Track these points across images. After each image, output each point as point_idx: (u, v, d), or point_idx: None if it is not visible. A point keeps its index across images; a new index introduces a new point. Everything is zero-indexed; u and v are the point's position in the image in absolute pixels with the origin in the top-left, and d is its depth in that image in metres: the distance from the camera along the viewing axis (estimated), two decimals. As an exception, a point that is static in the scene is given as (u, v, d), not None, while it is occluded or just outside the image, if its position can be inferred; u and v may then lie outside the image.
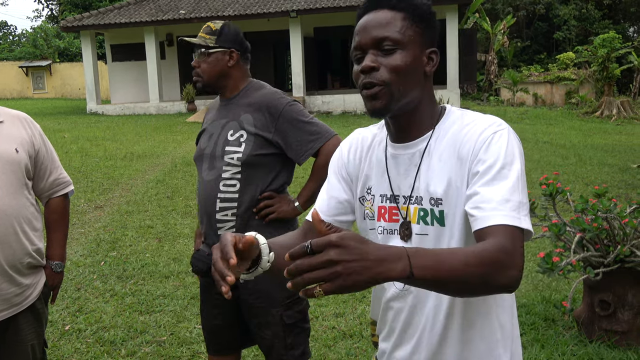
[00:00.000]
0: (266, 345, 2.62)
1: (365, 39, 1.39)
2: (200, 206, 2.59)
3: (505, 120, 1.45)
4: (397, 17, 1.39)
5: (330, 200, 1.58)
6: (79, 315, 4.45)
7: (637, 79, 26.47)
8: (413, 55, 1.38)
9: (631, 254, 3.53)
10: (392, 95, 1.38)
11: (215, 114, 2.64)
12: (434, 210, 1.40)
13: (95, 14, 22.27)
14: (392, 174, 1.48)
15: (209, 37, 2.53)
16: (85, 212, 7.65)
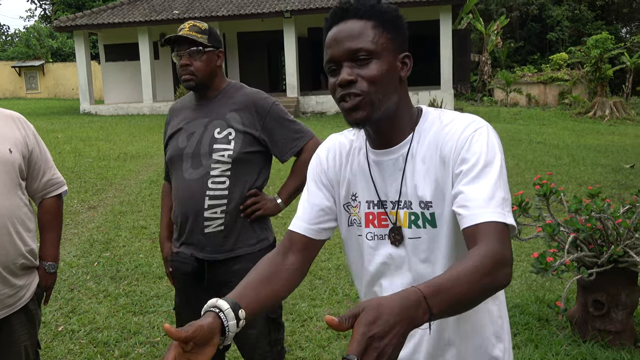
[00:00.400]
0: (250, 345, 2.62)
1: (338, 52, 1.38)
2: (181, 206, 2.57)
3: (498, 121, 1.46)
4: (367, 27, 1.37)
5: (312, 208, 1.57)
6: (72, 316, 4.43)
7: (629, 80, 26.59)
8: (388, 63, 1.38)
9: (624, 254, 3.55)
10: (372, 105, 1.37)
11: (191, 114, 2.62)
12: (425, 213, 1.41)
13: (88, 13, 22.20)
14: (377, 180, 1.48)
15: (201, 36, 2.52)
16: (78, 212, 7.62)
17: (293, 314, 4.40)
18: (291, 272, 1.51)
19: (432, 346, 1.49)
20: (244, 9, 20.73)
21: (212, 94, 2.61)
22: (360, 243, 1.53)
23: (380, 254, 1.49)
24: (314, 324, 4.24)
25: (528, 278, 5.06)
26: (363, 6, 1.39)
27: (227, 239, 2.57)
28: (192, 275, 2.59)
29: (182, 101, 2.73)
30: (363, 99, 1.37)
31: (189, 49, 2.51)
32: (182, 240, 2.62)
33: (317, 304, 4.57)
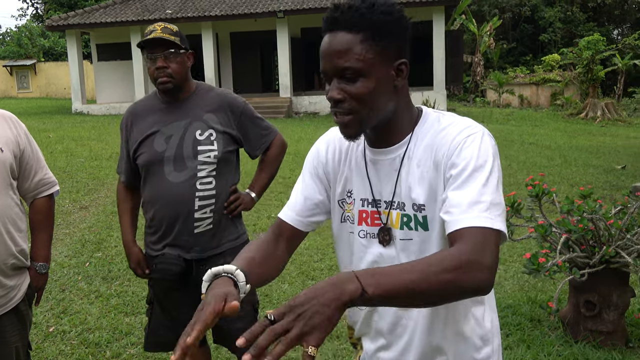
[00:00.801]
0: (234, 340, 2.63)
1: (327, 67, 1.36)
2: (168, 209, 2.57)
3: (491, 122, 1.47)
4: (355, 41, 1.32)
5: (305, 201, 1.58)
6: (63, 317, 4.41)
7: (620, 81, 26.72)
8: (377, 78, 1.34)
9: (616, 254, 3.56)
10: (361, 121, 1.37)
11: (163, 116, 2.61)
12: (417, 215, 1.41)
13: (80, 13, 22.13)
14: (372, 179, 1.48)
15: (174, 38, 2.52)
16: (70, 212, 7.59)
17: (285, 314, 4.39)
18: (279, 259, 1.54)
19: (420, 352, 1.48)
20: (237, 8, 20.70)
21: (183, 96, 2.63)
22: (351, 240, 1.53)
23: (371, 253, 1.49)
24: (306, 324, 4.23)
25: (520, 279, 5.08)
26: (353, 16, 1.33)
27: (214, 237, 2.62)
28: (179, 276, 2.60)
29: (144, 103, 2.70)
30: (351, 117, 1.36)
31: (165, 51, 2.50)
32: (166, 242, 2.62)
33: (310, 305, 4.56)
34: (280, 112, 19.65)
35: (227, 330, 2.68)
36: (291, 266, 5.45)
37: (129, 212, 2.80)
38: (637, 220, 3.67)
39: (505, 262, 5.54)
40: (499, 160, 1.38)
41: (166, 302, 2.72)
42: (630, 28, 35.91)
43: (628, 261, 3.48)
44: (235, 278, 1.32)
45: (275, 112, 19.43)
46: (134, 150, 2.65)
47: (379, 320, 1.53)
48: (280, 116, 19.36)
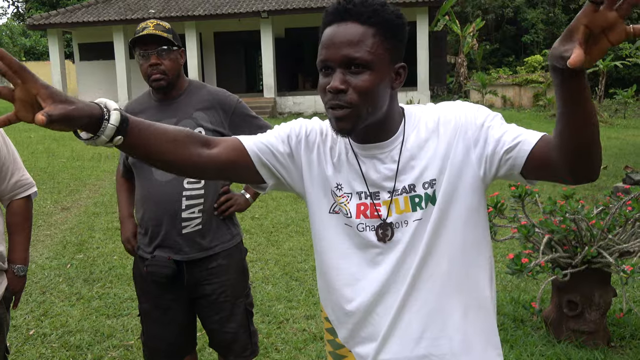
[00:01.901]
0: (228, 340, 2.67)
1: (334, 56, 1.34)
2: (155, 209, 2.55)
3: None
4: (367, 34, 1.33)
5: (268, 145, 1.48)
6: (44, 320, 4.35)
7: (602, 83, 27.00)
8: (382, 75, 1.35)
9: (598, 254, 3.58)
10: (359, 117, 1.36)
11: (155, 114, 2.58)
12: (428, 192, 1.43)
13: (62, 12, 21.93)
14: (368, 173, 1.47)
15: (167, 35, 2.50)
16: (51, 213, 7.50)
17: (269, 315, 4.37)
18: (202, 157, 1.39)
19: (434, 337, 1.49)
20: (221, 8, 20.63)
21: (176, 94, 2.60)
22: (346, 232, 1.49)
23: (369, 243, 1.47)
24: (290, 325, 4.22)
25: (503, 279, 5.10)
26: (366, 9, 1.33)
27: (204, 237, 2.58)
28: (170, 278, 2.57)
29: (140, 102, 2.69)
30: (350, 111, 1.35)
31: (159, 48, 2.48)
32: (156, 244, 2.59)
33: (294, 306, 4.54)
34: (264, 112, 19.61)
35: (219, 331, 2.66)
36: (275, 267, 5.43)
37: (127, 192, 2.81)
38: (619, 221, 3.70)
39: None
40: None
41: (157, 305, 2.68)
42: (611, 30, 36.26)
43: (610, 261, 3.51)
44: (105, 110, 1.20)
45: (259, 112, 19.38)
46: None
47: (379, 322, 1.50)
48: (265, 116, 19.32)
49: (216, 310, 2.63)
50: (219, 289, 2.61)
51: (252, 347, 2.72)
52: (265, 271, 5.35)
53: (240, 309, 2.67)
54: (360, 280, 1.49)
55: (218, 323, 2.66)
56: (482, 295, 1.50)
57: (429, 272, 1.45)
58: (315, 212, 1.54)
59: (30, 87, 1.11)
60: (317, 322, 4.26)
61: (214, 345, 2.77)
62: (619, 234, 3.68)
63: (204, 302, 2.63)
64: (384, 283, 1.47)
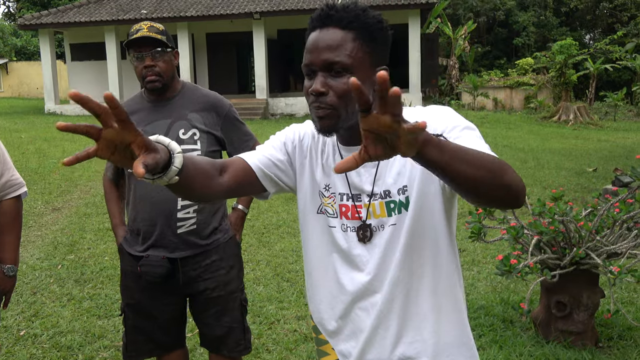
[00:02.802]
0: (222, 334, 2.69)
1: (315, 60, 1.39)
2: (150, 209, 2.57)
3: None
4: (347, 38, 1.37)
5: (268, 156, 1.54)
6: (34, 320, 4.35)
7: (592, 85, 27.14)
8: (362, 77, 1.38)
9: (586, 256, 3.61)
10: (339, 117, 1.40)
11: (148, 115, 2.61)
12: (401, 198, 1.46)
13: (54, 12, 21.85)
14: (351, 175, 1.50)
15: (161, 37, 2.51)
16: (42, 214, 7.48)
17: (260, 316, 4.38)
18: (219, 186, 1.46)
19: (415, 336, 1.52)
20: (213, 9, 20.61)
21: (170, 95, 2.62)
22: (330, 233, 1.54)
23: (350, 245, 1.52)
24: (281, 326, 4.23)
25: (493, 280, 5.13)
26: (347, 15, 1.38)
27: (199, 236, 2.61)
28: (164, 277, 2.58)
29: (130, 103, 2.71)
30: (330, 112, 1.39)
31: (153, 50, 2.49)
32: (150, 244, 2.60)
33: (285, 307, 4.56)
34: (256, 113, 19.60)
35: (213, 325, 2.67)
36: (266, 268, 5.44)
37: (116, 200, 2.83)
38: (607, 222, 3.73)
39: (478, 264, 5.59)
40: None
41: (145, 300, 2.69)
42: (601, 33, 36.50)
43: (598, 262, 3.54)
44: (168, 146, 1.25)
45: (251, 113, 19.37)
46: None
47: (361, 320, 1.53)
48: (257, 117, 19.31)
49: (211, 305, 2.66)
50: (212, 283, 2.64)
51: (245, 343, 2.75)
52: (257, 272, 5.36)
53: (236, 303, 2.70)
54: (343, 281, 1.54)
55: (213, 317, 2.68)
56: (456, 297, 1.54)
57: (405, 277, 1.49)
58: (304, 212, 1.60)
59: (127, 134, 1.13)
60: (308, 322, 4.28)
61: (206, 341, 2.78)
62: (607, 235, 3.72)
63: (199, 298, 2.66)
64: (365, 285, 1.51)
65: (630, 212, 3.62)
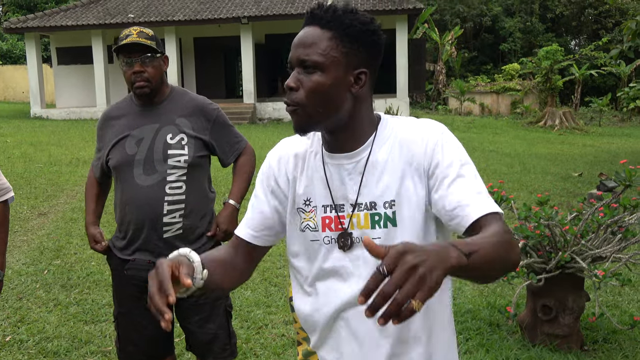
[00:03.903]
0: (207, 341, 2.70)
1: (293, 56, 1.41)
2: (136, 213, 2.57)
3: (453, 129, 1.52)
4: (324, 37, 1.38)
5: (258, 215, 1.59)
6: (20, 326, 4.32)
7: (578, 91, 27.37)
8: (333, 77, 1.38)
9: (571, 260, 3.65)
10: (308, 116, 1.40)
11: (136, 120, 2.61)
12: (388, 212, 1.43)
13: (40, 15, 21.72)
14: (333, 184, 1.48)
15: (150, 42, 2.52)
16: (28, 219, 7.43)
17: (248, 321, 4.38)
18: (237, 271, 1.57)
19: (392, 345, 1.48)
20: (201, 14, 20.59)
21: (158, 100, 2.63)
22: (315, 248, 1.51)
23: (334, 257, 1.49)
24: (269, 331, 4.23)
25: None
26: (327, 15, 1.39)
27: (184, 241, 2.60)
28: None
29: (119, 107, 2.71)
30: (297, 109, 1.40)
31: (143, 56, 2.50)
32: (136, 247, 2.60)
33: (273, 311, 4.56)
34: (244, 118, 19.59)
35: (198, 332, 2.68)
36: (254, 273, 5.43)
37: (94, 198, 2.84)
38: (592, 227, 3.77)
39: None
40: None
41: (135, 309, 2.68)
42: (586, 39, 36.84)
43: (583, 266, 3.58)
44: (190, 258, 1.36)
45: (239, 118, 19.35)
46: (106, 154, 2.65)
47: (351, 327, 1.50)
48: (244, 122, 19.29)
49: (196, 312, 2.66)
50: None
51: (231, 348, 2.76)
52: (245, 277, 5.35)
53: (220, 309, 2.71)
54: (328, 294, 1.51)
55: (197, 324, 2.68)
56: (445, 316, 1.52)
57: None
58: (289, 229, 1.57)
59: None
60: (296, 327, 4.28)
61: (192, 347, 2.79)
62: (592, 239, 3.76)
63: (183, 304, 2.66)
64: (348, 297, 1.48)
65: (615, 217, 3.67)
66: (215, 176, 8.56)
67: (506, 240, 1.25)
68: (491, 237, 1.23)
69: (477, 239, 1.20)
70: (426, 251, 1.03)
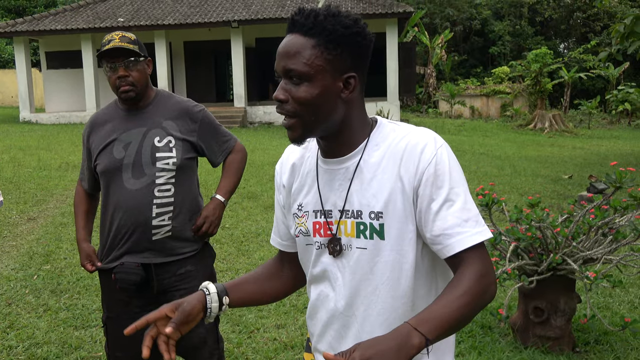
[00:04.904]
0: (196, 346, 2.69)
1: (278, 66, 1.39)
2: (126, 216, 2.56)
3: (443, 132, 1.52)
4: (307, 45, 1.34)
5: (282, 225, 1.66)
6: (9, 332, 4.28)
7: (567, 93, 27.53)
8: (321, 86, 1.35)
9: (563, 262, 3.66)
10: (304, 126, 1.39)
11: (123, 124, 2.60)
12: (374, 224, 1.40)
13: (29, 19, 21.61)
14: (324, 189, 1.47)
15: (133, 46, 2.51)
16: (17, 224, 7.37)
17: (240, 325, 4.36)
18: (286, 279, 1.67)
19: None
20: (191, 18, 20.55)
21: (143, 104, 2.63)
22: (309, 253, 1.52)
23: (323, 262, 1.49)
24: (260, 335, 4.22)
25: (472, 286, 5.16)
26: (309, 21, 1.35)
27: (174, 243, 2.61)
28: (138, 285, 2.57)
29: (104, 112, 2.70)
30: (294, 120, 1.39)
31: (126, 60, 2.50)
32: (125, 250, 2.59)
33: (264, 315, 4.54)
34: (234, 121, 19.56)
35: (187, 336, 2.66)
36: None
37: (84, 215, 2.82)
38: (583, 229, 3.78)
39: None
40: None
41: (124, 314, 2.67)
42: (575, 42, 37.08)
43: (574, 268, 3.59)
44: (206, 290, 1.52)
45: (229, 121, 19.33)
46: (94, 159, 2.64)
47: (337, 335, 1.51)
48: (235, 126, 19.26)
49: None
50: (187, 294, 2.61)
51: (219, 353, 2.75)
52: (236, 281, 5.33)
53: None
54: (323, 298, 1.52)
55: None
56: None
57: (383, 308, 1.43)
58: (292, 235, 1.60)
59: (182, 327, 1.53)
60: (288, 331, 4.27)
61: (181, 350, 2.77)
62: (583, 241, 3.77)
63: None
64: (335, 305, 1.48)
65: (605, 219, 3.68)
66: (206, 180, 8.55)
67: (479, 291, 1.30)
68: (460, 297, 1.27)
69: (443, 306, 1.26)
70: (383, 350, 1.16)
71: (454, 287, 1.30)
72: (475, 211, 1.37)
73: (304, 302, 4.75)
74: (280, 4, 21.08)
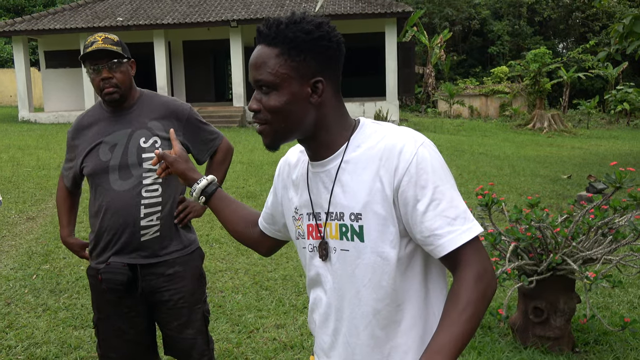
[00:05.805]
0: (186, 347, 2.69)
1: (250, 78, 1.43)
2: (115, 218, 2.56)
3: (442, 132, 1.52)
4: (271, 55, 1.38)
5: (269, 211, 1.71)
6: (8, 332, 4.27)
7: (566, 93, 27.55)
8: (289, 93, 1.38)
9: (563, 262, 3.66)
10: (275, 133, 1.42)
11: (108, 126, 2.60)
12: (354, 225, 1.40)
13: (28, 19, 21.59)
14: (312, 192, 1.49)
15: (117, 48, 2.51)
16: (16, 223, 7.37)
17: (239, 325, 4.36)
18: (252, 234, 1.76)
19: None
20: (190, 17, 20.54)
21: (128, 105, 2.62)
22: (306, 255, 1.54)
23: (316, 266, 1.50)
24: (260, 335, 4.22)
25: (471, 286, 5.16)
26: (270, 32, 1.38)
27: (162, 244, 2.61)
28: (126, 285, 2.56)
29: (89, 115, 2.69)
30: (265, 127, 1.42)
31: (109, 62, 2.49)
32: (114, 251, 2.59)
33: (264, 315, 4.54)
34: (233, 121, 19.56)
35: (177, 337, 2.67)
36: (245, 277, 5.42)
37: (67, 212, 2.85)
38: (582, 229, 3.78)
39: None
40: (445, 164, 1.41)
41: (114, 315, 2.67)
42: (574, 42, 37.10)
43: (574, 268, 3.59)
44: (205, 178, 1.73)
45: (228, 121, 19.32)
46: (80, 162, 2.63)
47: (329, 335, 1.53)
48: (234, 125, 19.26)
49: (174, 317, 2.65)
50: (176, 295, 2.63)
51: (209, 354, 2.75)
52: (235, 280, 5.33)
53: (198, 315, 2.70)
54: (317, 302, 1.54)
55: (176, 329, 2.67)
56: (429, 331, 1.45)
57: (361, 310, 1.43)
58: (292, 237, 1.62)
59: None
60: (288, 331, 4.27)
61: (170, 351, 2.78)
62: (583, 241, 3.77)
63: (162, 309, 2.65)
64: (325, 307, 1.50)
65: (605, 219, 3.68)
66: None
67: (478, 299, 1.30)
68: (463, 311, 1.29)
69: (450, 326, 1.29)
70: None
71: (454, 302, 1.30)
72: (463, 207, 1.34)
73: (304, 302, 4.75)
74: (279, 4, 21.08)
